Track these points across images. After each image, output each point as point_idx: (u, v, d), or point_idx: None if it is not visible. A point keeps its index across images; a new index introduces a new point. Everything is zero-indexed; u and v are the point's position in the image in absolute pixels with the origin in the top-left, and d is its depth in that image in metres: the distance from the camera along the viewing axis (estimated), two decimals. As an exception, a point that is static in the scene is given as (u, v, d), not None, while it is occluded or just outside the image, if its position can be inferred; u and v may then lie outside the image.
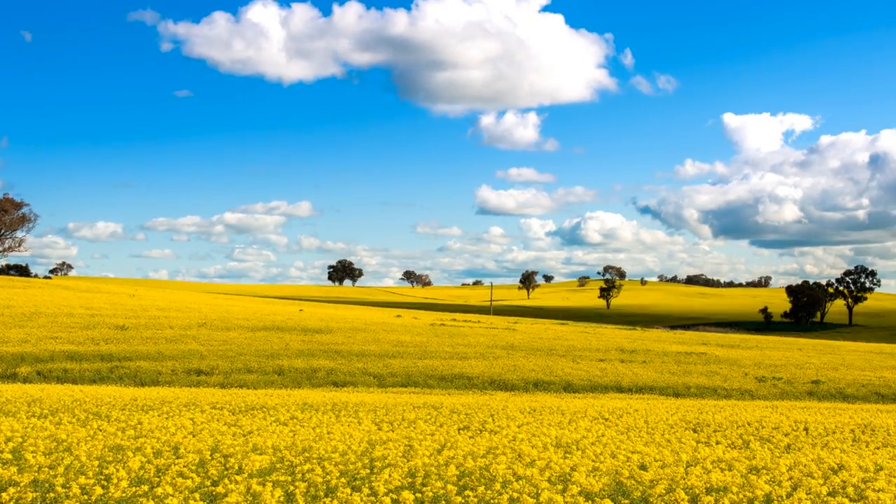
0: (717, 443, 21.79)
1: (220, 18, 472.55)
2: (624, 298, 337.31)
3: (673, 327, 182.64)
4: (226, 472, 14.39)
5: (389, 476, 13.58)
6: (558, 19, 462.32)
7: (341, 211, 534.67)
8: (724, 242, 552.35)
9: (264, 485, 12.63)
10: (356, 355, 67.32)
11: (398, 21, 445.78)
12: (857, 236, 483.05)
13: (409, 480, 14.02)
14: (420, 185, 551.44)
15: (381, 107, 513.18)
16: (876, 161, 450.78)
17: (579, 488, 13.05)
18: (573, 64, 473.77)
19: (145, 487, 12.82)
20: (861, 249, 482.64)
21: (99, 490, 12.49)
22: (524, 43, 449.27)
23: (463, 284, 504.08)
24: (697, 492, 13.17)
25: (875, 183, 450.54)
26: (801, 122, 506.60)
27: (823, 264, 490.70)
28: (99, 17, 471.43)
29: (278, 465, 15.04)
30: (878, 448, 21.62)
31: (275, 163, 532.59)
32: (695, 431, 24.96)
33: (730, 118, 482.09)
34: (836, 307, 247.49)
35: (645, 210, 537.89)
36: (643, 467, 15.46)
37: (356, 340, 76.04)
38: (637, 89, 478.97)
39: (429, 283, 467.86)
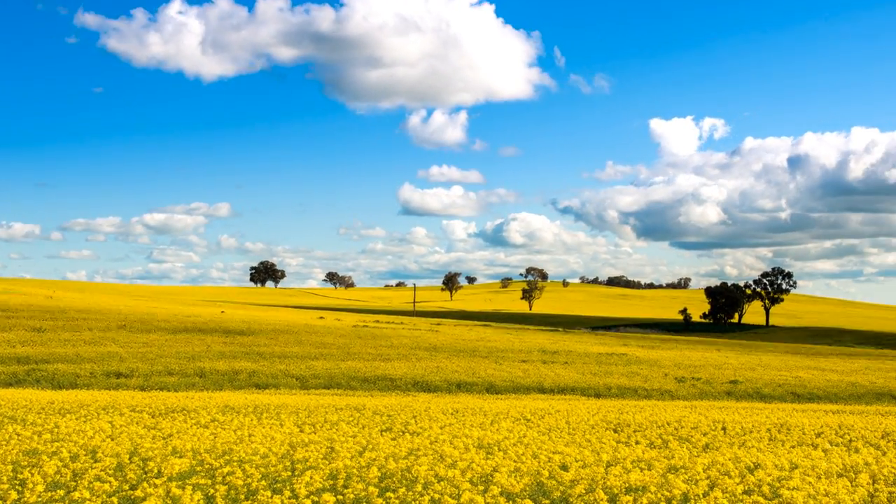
0: (637, 443, 22.00)
1: (138, 13, 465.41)
2: (546, 300, 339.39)
3: (594, 329, 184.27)
4: (145, 476, 14.22)
5: (311, 478, 13.53)
6: (489, 16, 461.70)
7: (263, 211, 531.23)
8: (646, 244, 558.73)
9: (184, 488, 12.50)
10: (278, 357, 66.93)
11: (324, 16, 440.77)
12: (776, 238, 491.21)
13: (331, 482, 13.98)
14: (344, 185, 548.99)
15: (306, 104, 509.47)
16: (796, 164, 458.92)
17: (500, 489, 13.11)
18: (504, 62, 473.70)
19: (62, 492, 12.63)
20: (780, 251, 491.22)
21: (14, 495, 12.28)
22: (454, 40, 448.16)
23: (386, 286, 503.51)
24: (616, 492, 13.30)
25: (795, 185, 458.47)
26: (723, 125, 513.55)
27: (743, 266, 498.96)
28: (8, 9, 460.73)
29: (198, 469, 14.90)
30: (793, 447, 21.99)
31: (195, 162, 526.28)
32: (615, 431, 25.18)
33: (654, 121, 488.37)
34: (754, 308, 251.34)
35: (567, 211, 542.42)
36: (564, 467, 15.57)
37: (279, 342, 75.60)
38: (566, 89, 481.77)
39: (352, 285, 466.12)
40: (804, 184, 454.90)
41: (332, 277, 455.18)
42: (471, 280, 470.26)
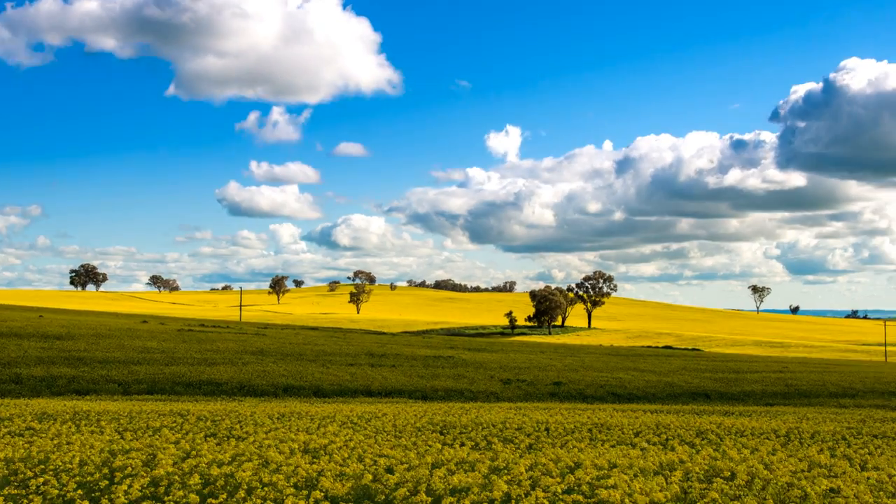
0: (462, 444, 22.21)
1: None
2: (374, 303, 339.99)
3: (422, 332, 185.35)
4: (-50, 490, 13.65)
5: (130, 486, 13.22)
6: (336, 11, 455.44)
7: (84, 212, 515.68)
8: (474, 247, 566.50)
9: (-6, 500, 12.06)
10: (100, 362, 65.12)
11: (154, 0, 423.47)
12: (604, 242, 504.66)
13: (152, 490, 13.69)
14: (171, 183, 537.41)
15: (130, 95, 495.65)
16: (625, 168, 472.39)
17: (324, 493, 13.08)
18: (347, 60, 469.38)
19: None
20: (606, 255, 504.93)
21: None
22: (294, 34, 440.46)
23: (212, 289, 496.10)
24: (440, 493, 13.41)
25: (622, 191, 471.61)
26: (553, 130, 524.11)
27: (571, 269, 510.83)
28: None
29: (11, 479, 14.39)
30: (612, 446, 22.56)
31: (6, 160, 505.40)
32: (441, 434, 25.36)
33: (488, 125, 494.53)
34: (577, 311, 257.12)
35: (400, 213, 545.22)
36: (389, 470, 15.61)
37: (100, 347, 73.55)
38: (407, 91, 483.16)
39: (177, 288, 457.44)
40: (633, 188, 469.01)
41: (156, 280, 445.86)
42: (298, 283, 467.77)
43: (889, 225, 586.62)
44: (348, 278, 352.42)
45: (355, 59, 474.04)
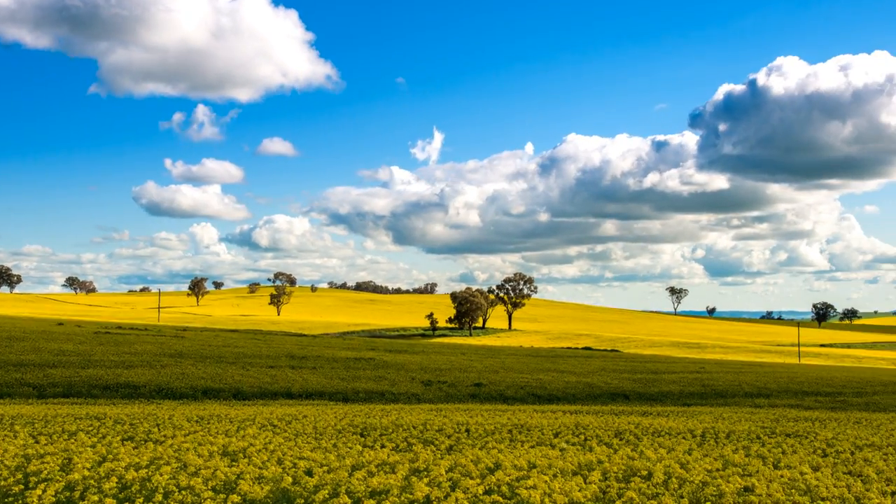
0: (383, 446, 22.21)
1: None
2: (295, 305, 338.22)
3: (343, 334, 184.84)
4: None
5: (44, 491, 13.02)
6: (266, 7, 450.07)
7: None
8: (397, 248, 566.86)
9: None
10: (13, 365, 63.90)
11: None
12: (527, 244, 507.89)
13: (67, 495, 13.50)
14: (88, 183, 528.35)
15: (48, 90, 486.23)
16: (549, 170, 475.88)
17: (242, 497, 13.00)
18: (277, 57, 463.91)
19: None
20: (530, 256, 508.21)
21: None
22: (221, 30, 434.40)
23: (130, 291, 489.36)
24: (360, 496, 13.40)
25: (546, 192, 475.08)
26: (481, 130, 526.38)
27: (493, 270, 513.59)
28: None
29: (-79, 485, 14.08)
30: (532, 447, 22.71)
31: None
32: (362, 436, 25.33)
33: (415, 124, 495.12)
34: (498, 313, 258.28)
35: (321, 214, 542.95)
36: (309, 473, 15.56)
37: (13, 350, 72.20)
38: (343, 89, 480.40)
39: (93, 290, 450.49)
40: (557, 189, 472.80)
41: (72, 282, 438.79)
42: (218, 285, 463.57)
43: (808, 227, 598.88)
44: (269, 280, 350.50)
45: (286, 55, 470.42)
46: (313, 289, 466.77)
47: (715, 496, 14.28)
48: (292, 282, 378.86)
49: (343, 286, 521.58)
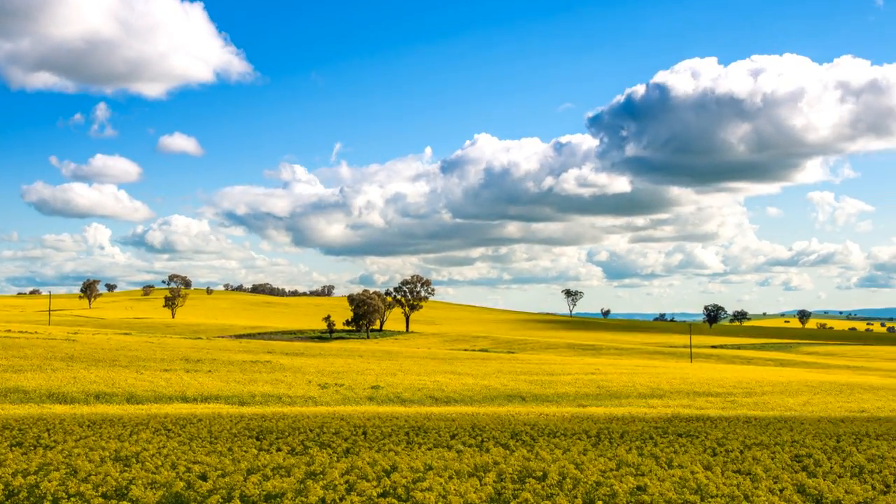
0: (279, 450, 22.06)
1: None
2: (190, 308, 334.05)
3: (239, 336, 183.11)
4: None
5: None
6: (170, 2, 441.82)
7: None
8: (297, 250, 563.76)
9: None
10: None
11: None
12: (428, 245, 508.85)
13: (-50, 503, 13.14)
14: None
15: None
16: (452, 172, 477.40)
17: (134, 502, 12.80)
18: (182, 50, 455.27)
19: None
20: (431, 259, 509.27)
21: None
22: (124, 22, 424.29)
23: (19, 293, 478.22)
24: (255, 499, 13.30)
25: (449, 194, 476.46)
26: (381, 132, 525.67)
27: (393, 272, 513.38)
28: None
29: None
30: (428, 449, 22.77)
31: None
32: (258, 439, 25.13)
33: (317, 124, 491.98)
34: (396, 315, 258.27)
35: (219, 215, 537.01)
36: (203, 477, 15.39)
37: None
38: (249, 86, 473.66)
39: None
40: (461, 191, 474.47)
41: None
42: (111, 287, 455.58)
43: (708, 230, 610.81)
44: (163, 282, 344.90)
45: (192, 50, 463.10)
46: (209, 291, 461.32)
47: (608, 496, 14.48)
48: (187, 284, 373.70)
49: (239, 288, 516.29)
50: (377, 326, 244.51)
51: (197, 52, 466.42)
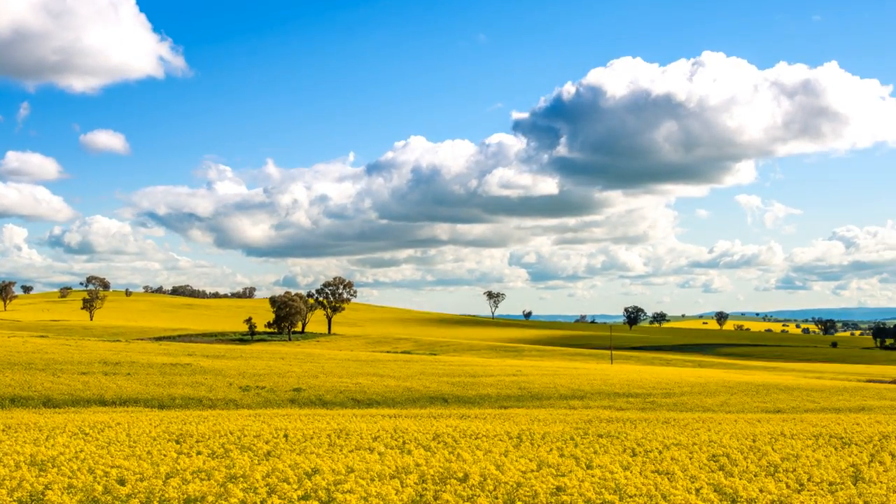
0: (199, 453, 21.90)
1: None
2: (109, 310, 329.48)
3: (159, 339, 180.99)
4: None
5: None
6: None
7: None
8: (219, 251, 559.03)
9: None
10: None
11: None
12: (353, 247, 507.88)
13: None
14: None
15: None
16: (379, 174, 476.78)
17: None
18: (116, 43, 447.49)
19: None
20: (355, 260, 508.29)
21: None
22: (54, 13, 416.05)
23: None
24: (175, 503, 13.21)
25: (376, 196, 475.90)
26: (310, 134, 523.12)
27: (317, 273, 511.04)
28: None
29: None
30: (351, 451, 22.76)
31: None
32: (178, 443, 24.92)
33: (247, 123, 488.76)
34: (318, 317, 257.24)
35: (140, 215, 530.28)
36: (121, 481, 15.23)
37: None
38: (180, 77, 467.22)
39: None
40: (388, 193, 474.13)
41: None
42: (27, 289, 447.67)
43: (634, 232, 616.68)
44: (81, 284, 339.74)
45: (123, 44, 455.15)
46: (128, 293, 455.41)
47: (529, 496, 14.61)
48: (106, 286, 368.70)
49: (159, 290, 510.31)
50: (299, 329, 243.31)
51: (127, 46, 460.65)
